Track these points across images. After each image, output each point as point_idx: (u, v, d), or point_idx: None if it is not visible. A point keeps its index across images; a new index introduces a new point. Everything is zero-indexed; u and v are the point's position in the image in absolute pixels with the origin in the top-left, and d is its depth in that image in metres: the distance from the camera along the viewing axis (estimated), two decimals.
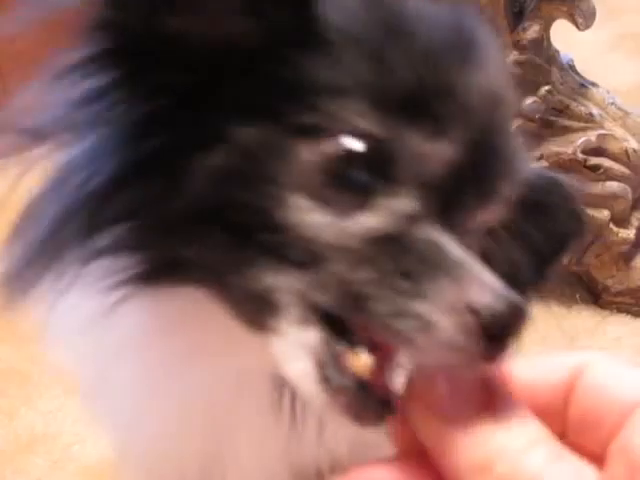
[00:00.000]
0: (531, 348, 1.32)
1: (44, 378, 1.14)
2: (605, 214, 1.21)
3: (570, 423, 0.35)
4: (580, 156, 1.18)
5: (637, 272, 1.26)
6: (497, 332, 0.36)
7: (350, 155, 0.42)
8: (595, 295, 1.28)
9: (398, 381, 0.39)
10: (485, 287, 0.38)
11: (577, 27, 1.13)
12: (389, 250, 0.41)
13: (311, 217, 0.42)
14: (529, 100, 1.15)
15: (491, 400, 0.35)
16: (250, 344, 0.45)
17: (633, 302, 1.26)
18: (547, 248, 0.57)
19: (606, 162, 1.19)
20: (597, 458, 0.33)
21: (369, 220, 0.42)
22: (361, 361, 0.41)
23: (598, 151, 1.19)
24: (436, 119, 0.42)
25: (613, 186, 1.20)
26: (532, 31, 1.12)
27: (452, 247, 0.40)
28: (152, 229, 0.44)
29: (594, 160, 1.19)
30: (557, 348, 1.19)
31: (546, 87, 1.16)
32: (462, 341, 0.37)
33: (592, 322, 1.25)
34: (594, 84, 1.23)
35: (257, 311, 0.44)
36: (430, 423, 0.35)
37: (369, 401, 0.40)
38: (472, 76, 0.44)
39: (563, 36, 1.21)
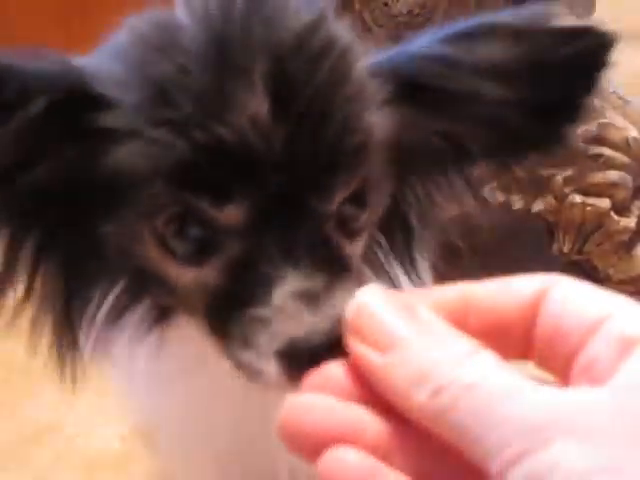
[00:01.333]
0: None
1: (47, 370, 1.14)
2: (606, 203, 1.21)
3: (536, 342, 0.35)
4: (581, 145, 1.18)
5: (639, 260, 1.26)
6: (308, 359, 0.38)
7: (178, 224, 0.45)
8: (597, 284, 1.27)
9: None
10: (292, 324, 0.41)
11: (576, 16, 1.13)
12: (228, 296, 0.45)
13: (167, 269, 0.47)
14: None
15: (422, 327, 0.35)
16: None
17: (635, 290, 1.26)
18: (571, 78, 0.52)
19: (607, 151, 1.19)
20: (561, 376, 0.34)
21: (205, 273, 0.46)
22: None
23: (598, 140, 1.19)
24: (217, 187, 0.43)
25: (614, 175, 1.20)
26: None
27: (276, 286, 0.42)
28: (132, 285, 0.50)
29: (595, 149, 1.19)
30: None
31: None
32: (284, 380, 0.41)
33: None
34: None
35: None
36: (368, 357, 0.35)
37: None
38: (240, 121, 0.43)
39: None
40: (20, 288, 0.48)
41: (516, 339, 0.35)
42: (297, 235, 0.43)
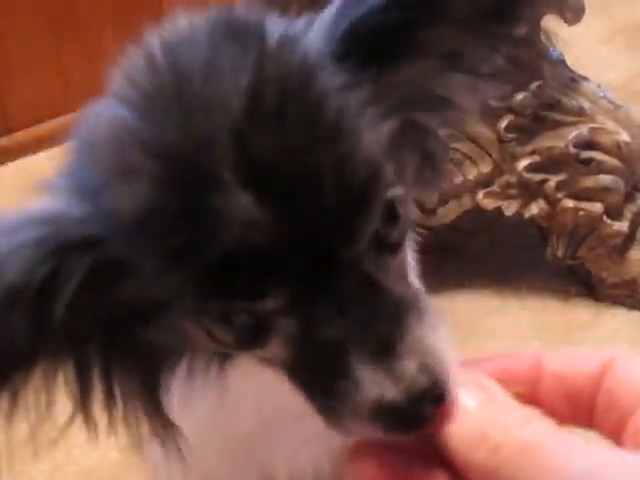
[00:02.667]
0: (528, 342, 1.33)
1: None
2: (598, 207, 1.21)
3: (597, 409, 0.39)
4: (572, 150, 1.19)
5: (632, 264, 1.26)
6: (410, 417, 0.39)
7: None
8: (590, 288, 1.29)
9: None
10: (375, 390, 0.40)
11: (565, 22, 1.14)
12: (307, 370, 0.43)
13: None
14: (520, 96, 1.16)
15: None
16: None
17: (628, 294, 1.27)
18: None
19: (598, 155, 1.20)
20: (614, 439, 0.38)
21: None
22: None
23: (590, 144, 1.20)
24: (246, 289, 0.41)
25: (606, 179, 1.21)
26: (521, 26, 1.13)
27: (346, 355, 0.40)
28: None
29: (586, 154, 1.20)
30: (554, 341, 1.20)
31: (537, 82, 1.16)
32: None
33: (588, 315, 1.26)
34: (585, 78, 1.24)
35: None
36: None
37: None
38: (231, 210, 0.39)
39: (555, 31, 1.22)
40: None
41: (584, 406, 0.40)
42: (343, 294, 0.41)
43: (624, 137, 1.21)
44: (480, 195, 1.22)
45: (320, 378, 0.42)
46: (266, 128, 0.40)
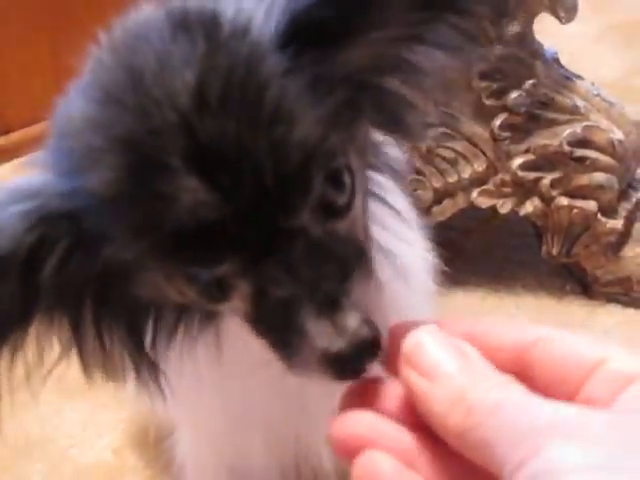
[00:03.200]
0: None
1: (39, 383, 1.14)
2: (592, 205, 1.21)
3: (536, 383, 0.39)
4: (566, 148, 1.19)
5: (626, 262, 1.27)
6: (346, 365, 0.45)
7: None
8: (585, 286, 1.29)
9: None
10: (325, 340, 0.45)
11: (559, 20, 1.14)
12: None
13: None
14: (514, 94, 1.16)
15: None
16: None
17: (623, 292, 1.27)
18: None
19: (592, 153, 1.20)
20: None
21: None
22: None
23: (584, 143, 1.20)
24: (202, 259, 0.47)
25: (600, 177, 1.21)
26: (515, 25, 1.13)
27: (298, 309, 0.45)
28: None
29: (580, 152, 1.20)
30: None
31: (530, 81, 1.16)
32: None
33: (583, 313, 1.26)
34: (579, 76, 1.24)
35: None
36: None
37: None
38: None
39: (549, 29, 1.22)
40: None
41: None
42: (291, 258, 0.45)
43: (618, 135, 1.21)
44: (475, 194, 1.22)
45: (276, 331, 0.47)
46: (211, 117, 0.44)
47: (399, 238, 0.62)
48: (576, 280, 1.30)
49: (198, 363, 0.59)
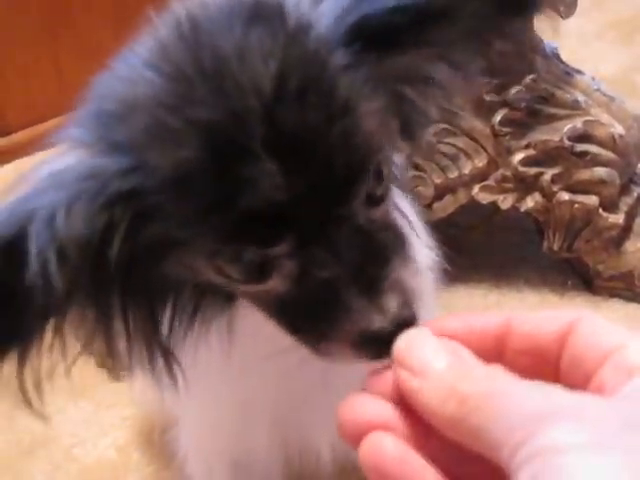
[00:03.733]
0: None
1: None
2: (594, 200, 1.21)
3: (563, 367, 0.41)
4: (567, 143, 1.19)
5: (628, 257, 1.27)
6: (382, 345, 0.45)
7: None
8: (587, 281, 1.29)
9: None
10: (370, 316, 0.47)
11: (559, 15, 1.14)
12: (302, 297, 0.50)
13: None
14: (514, 89, 1.16)
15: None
16: None
17: (625, 287, 1.27)
18: None
19: (593, 148, 1.20)
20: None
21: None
22: None
23: (585, 137, 1.20)
24: (263, 239, 0.48)
25: (601, 172, 1.21)
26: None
27: (340, 289, 0.48)
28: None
29: (581, 147, 1.20)
30: None
31: (531, 76, 1.16)
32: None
33: (585, 308, 1.26)
34: (579, 71, 1.24)
35: None
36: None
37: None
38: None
39: (549, 24, 1.22)
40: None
41: (550, 364, 0.41)
42: (338, 242, 0.48)
43: (619, 130, 1.21)
44: (476, 189, 1.22)
45: (312, 310, 0.49)
46: (290, 107, 0.46)
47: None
48: (578, 276, 1.30)
49: (210, 353, 0.60)
